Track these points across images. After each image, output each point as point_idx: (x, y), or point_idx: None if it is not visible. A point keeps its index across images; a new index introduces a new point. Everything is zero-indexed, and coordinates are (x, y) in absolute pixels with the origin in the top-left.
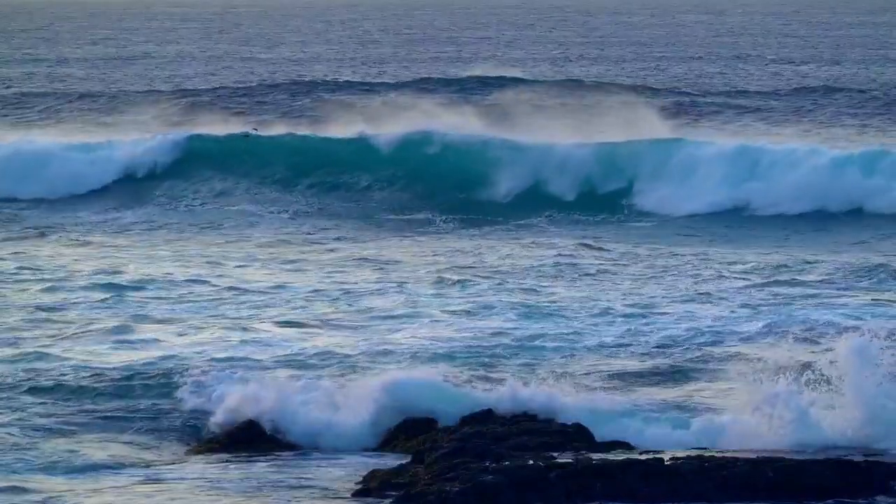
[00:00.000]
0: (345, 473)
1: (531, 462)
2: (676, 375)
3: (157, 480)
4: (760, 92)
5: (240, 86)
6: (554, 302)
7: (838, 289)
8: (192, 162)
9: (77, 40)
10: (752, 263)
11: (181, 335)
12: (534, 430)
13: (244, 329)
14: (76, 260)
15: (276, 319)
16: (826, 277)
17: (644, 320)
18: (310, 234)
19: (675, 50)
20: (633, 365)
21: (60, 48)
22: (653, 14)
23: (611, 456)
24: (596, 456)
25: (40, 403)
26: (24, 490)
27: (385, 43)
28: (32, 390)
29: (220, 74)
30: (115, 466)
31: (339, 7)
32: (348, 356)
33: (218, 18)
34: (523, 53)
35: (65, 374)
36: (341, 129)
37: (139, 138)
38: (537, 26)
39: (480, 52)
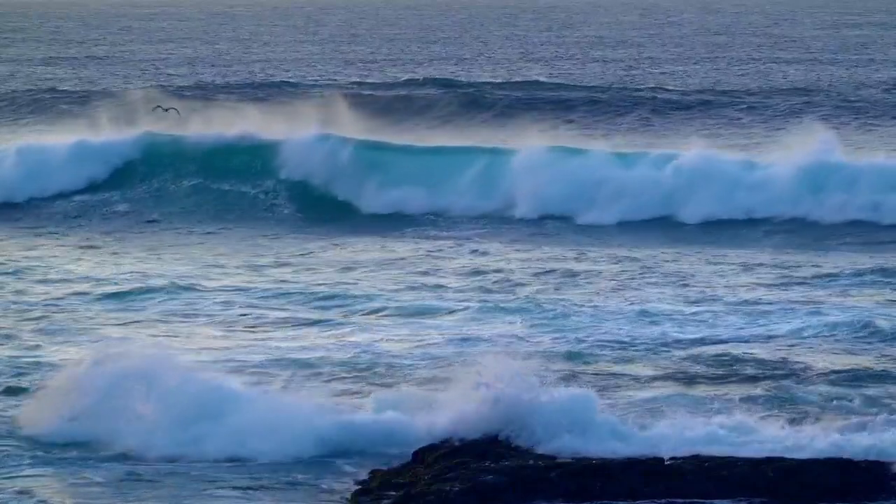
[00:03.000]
0: (345, 473)
1: (531, 462)
2: (680, 377)
3: (152, 479)
4: (731, 91)
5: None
6: (554, 306)
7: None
8: (150, 158)
9: (65, 40)
10: (740, 266)
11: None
12: None
13: (227, 334)
14: (58, 259)
15: (253, 322)
16: (820, 278)
17: (640, 321)
18: (271, 236)
19: (661, 50)
20: (634, 367)
21: (46, 47)
22: (643, 14)
23: (611, 456)
24: (596, 456)
25: (23, 400)
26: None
27: (371, 43)
28: (12, 389)
29: (202, 74)
30: (108, 463)
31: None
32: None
33: (208, 19)
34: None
35: (48, 373)
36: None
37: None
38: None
39: (471, 52)
